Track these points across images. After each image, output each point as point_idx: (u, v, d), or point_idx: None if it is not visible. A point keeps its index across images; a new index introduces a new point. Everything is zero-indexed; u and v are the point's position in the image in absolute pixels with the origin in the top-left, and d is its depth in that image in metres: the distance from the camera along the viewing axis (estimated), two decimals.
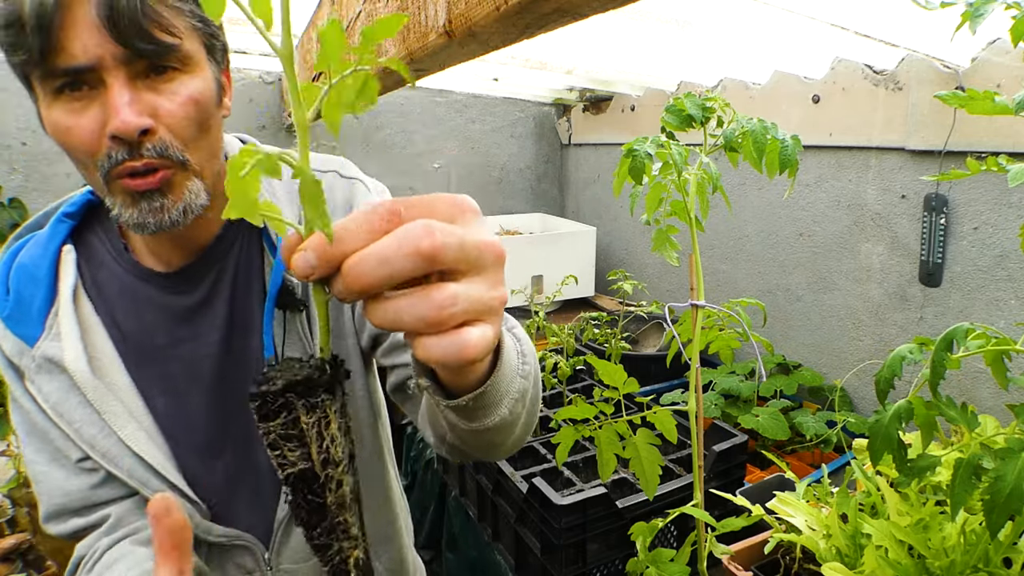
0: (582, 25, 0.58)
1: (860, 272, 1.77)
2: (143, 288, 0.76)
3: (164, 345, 0.77)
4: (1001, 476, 0.61)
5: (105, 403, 0.72)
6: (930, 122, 1.49)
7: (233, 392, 0.80)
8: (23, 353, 0.71)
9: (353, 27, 1.10)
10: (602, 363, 0.84)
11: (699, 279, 0.87)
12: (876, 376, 0.72)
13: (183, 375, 0.78)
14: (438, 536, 1.75)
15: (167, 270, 0.77)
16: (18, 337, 0.71)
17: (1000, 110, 0.66)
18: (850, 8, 1.45)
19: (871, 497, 0.98)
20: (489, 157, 3.27)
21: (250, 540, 0.82)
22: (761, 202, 2.09)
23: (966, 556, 0.79)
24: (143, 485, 0.73)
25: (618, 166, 0.81)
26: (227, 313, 0.79)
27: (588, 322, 1.66)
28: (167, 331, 0.77)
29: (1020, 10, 0.61)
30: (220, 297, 0.78)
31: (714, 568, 0.99)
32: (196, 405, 0.79)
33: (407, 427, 2.10)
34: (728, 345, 0.99)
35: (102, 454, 0.72)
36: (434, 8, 0.67)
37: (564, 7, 0.51)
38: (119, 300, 0.76)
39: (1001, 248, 1.43)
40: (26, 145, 2.48)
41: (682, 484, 1.23)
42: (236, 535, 0.81)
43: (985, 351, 0.70)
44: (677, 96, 0.85)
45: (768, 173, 0.84)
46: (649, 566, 0.88)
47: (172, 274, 0.77)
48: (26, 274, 0.72)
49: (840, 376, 1.82)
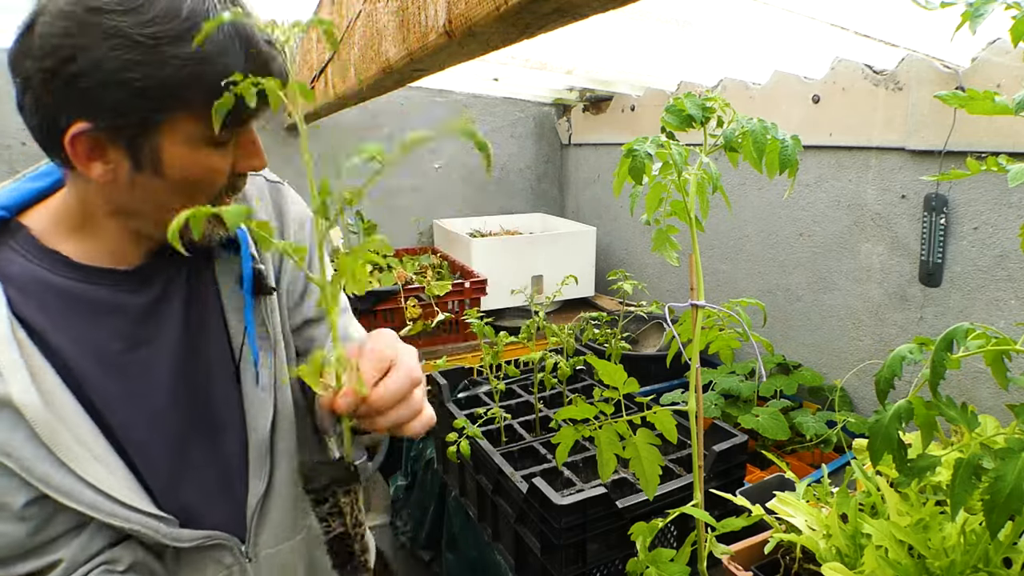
0: (582, 25, 0.58)
1: (860, 272, 1.77)
2: (93, 292, 0.74)
3: (121, 350, 0.76)
4: (1001, 476, 0.61)
5: (56, 437, 0.68)
6: (930, 122, 1.49)
7: (196, 385, 0.81)
8: None
9: (353, 27, 1.10)
10: (602, 363, 0.84)
11: (699, 279, 0.87)
12: (876, 376, 0.72)
13: (142, 377, 0.77)
14: (438, 536, 1.75)
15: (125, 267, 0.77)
16: None
17: (1000, 110, 0.66)
18: (850, 8, 1.45)
19: (871, 497, 0.98)
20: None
21: (224, 537, 0.81)
22: (761, 202, 2.09)
23: (966, 556, 0.79)
24: (110, 515, 0.71)
25: (618, 166, 0.81)
26: (184, 308, 0.80)
27: (588, 322, 1.66)
28: (124, 335, 0.76)
29: (1020, 10, 0.61)
30: (177, 293, 0.80)
31: (714, 568, 0.99)
32: (159, 405, 0.78)
33: None
34: (728, 345, 0.99)
35: (57, 490, 0.68)
36: (434, 8, 0.67)
37: (564, 7, 0.51)
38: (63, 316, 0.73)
39: (1001, 248, 1.43)
40: (26, 145, 2.48)
41: (682, 484, 1.23)
42: (208, 536, 0.80)
43: (985, 351, 0.70)
44: (677, 96, 0.85)
45: (768, 173, 0.84)
46: (649, 566, 0.88)
47: (129, 271, 0.77)
48: None
49: (840, 376, 1.82)
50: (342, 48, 1.23)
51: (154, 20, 0.63)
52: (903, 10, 1.27)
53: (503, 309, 2.59)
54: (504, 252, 2.58)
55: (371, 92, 1.21)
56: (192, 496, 0.81)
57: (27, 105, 0.67)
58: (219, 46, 0.66)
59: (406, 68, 0.87)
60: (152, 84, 0.64)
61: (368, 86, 1.09)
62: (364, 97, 1.38)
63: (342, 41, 1.21)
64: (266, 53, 0.69)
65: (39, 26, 0.63)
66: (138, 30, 0.62)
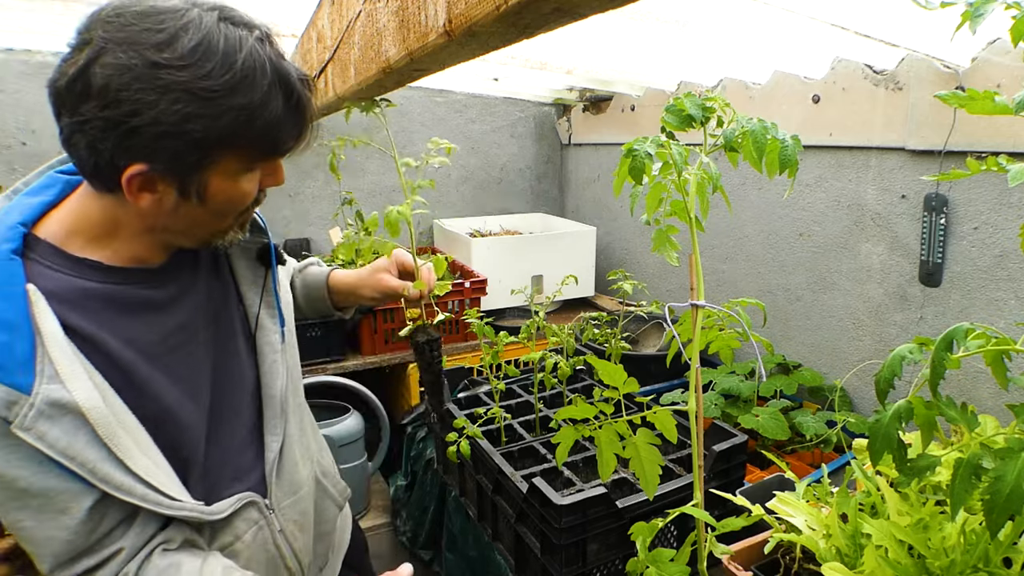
0: (582, 25, 0.58)
1: (860, 272, 1.77)
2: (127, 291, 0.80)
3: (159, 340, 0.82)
4: (1001, 476, 0.61)
5: (114, 436, 0.73)
6: (930, 122, 1.49)
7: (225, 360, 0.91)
8: (16, 402, 0.68)
9: (353, 27, 1.10)
10: (602, 363, 0.84)
11: (699, 279, 0.87)
12: (876, 376, 0.72)
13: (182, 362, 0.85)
14: (438, 536, 1.75)
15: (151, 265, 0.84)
16: (9, 386, 0.68)
17: (1000, 110, 0.66)
18: (850, 8, 1.45)
19: (871, 497, 0.98)
20: (489, 157, 3.27)
21: (252, 496, 0.91)
22: (761, 202, 2.09)
23: (966, 556, 0.79)
24: (156, 504, 0.77)
25: (618, 166, 0.81)
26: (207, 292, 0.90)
27: (588, 322, 1.66)
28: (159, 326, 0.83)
29: (1020, 10, 0.61)
30: (199, 280, 0.90)
31: (714, 568, 0.99)
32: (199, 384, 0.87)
33: (407, 427, 2.10)
34: (728, 345, 0.99)
35: (118, 487, 0.73)
36: (434, 8, 0.67)
37: (564, 7, 0.51)
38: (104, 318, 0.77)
39: (1001, 248, 1.43)
40: (26, 145, 2.48)
41: (682, 484, 1.23)
42: (240, 498, 0.89)
43: (985, 351, 0.70)
44: (677, 96, 0.85)
45: (768, 173, 0.83)
46: (649, 566, 0.88)
47: (155, 269, 0.84)
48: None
49: (840, 376, 1.82)
50: (342, 48, 1.23)
51: (210, 74, 0.68)
52: (903, 10, 1.27)
53: (503, 309, 2.59)
54: (504, 252, 2.58)
55: (371, 92, 1.21)
56: (223, 464, 0.89)
57: (78, 144, 0.70)
58: (265, 95, 0.72)
59: (406, 68, 0.87)
60: (208, 134, 0.70)
61: (368, 86, 1.09)
62: (364, 97, 1.38)
63: (342, 41, 1.21)
64: (302, 95, 0.77)
65: (97, 75, 0.66)
66: (196, 84, 0.67)
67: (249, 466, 0.93)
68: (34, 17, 2.06)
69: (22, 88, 2.44)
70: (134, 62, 0.65)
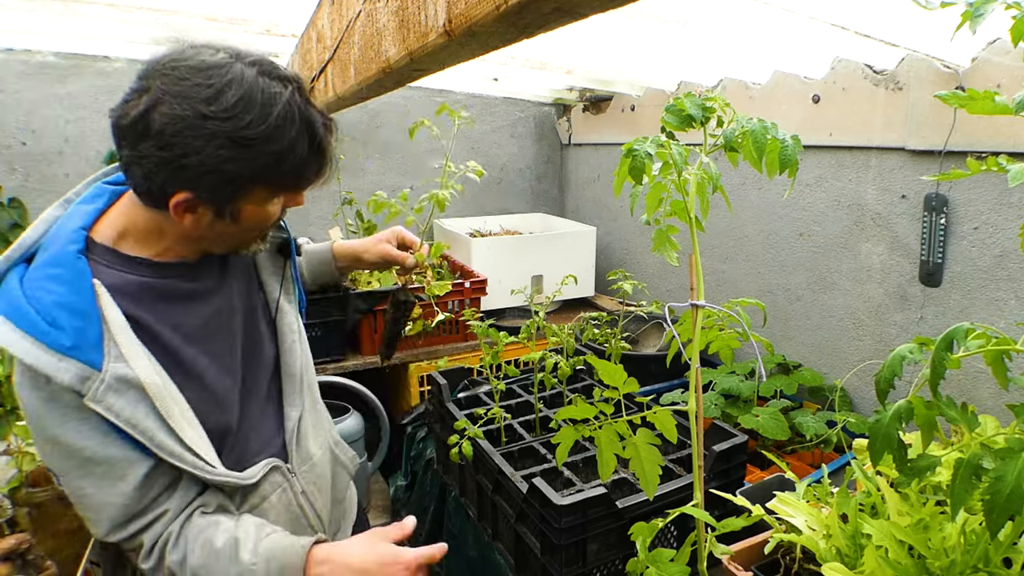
0: (582, 25, 0.58)
1: (860, 272, 1.77)
2: (172, 284, 0.93)
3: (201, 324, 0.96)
4: (1001, 476, 0.61)
5: (169, 409, 0.86)
6: (930, 122, 1.49)
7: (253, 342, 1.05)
8: (89, 378, 0.81)
9: (353, 27, 1.10)
10: (602, 363, 0.84)
11: (699, 279, 0.87)
12: (876, 376, 0.72)
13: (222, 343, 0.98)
14: (438, 536, 1.75)
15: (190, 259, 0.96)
16: (84, 363, 0.81)
17: (1000, 110, 0.66)
18: (850, 8, 1.45)
19: (871, 497, 0.98)
20: (489, 157, 3.27)
21: (277, 461, 1.03)
22: (761, 202, 2.09)
23: (966, 556, 0.79)
24: (200, 470, 0.89)
25: (618, 166, 0.81)
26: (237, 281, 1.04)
27: (588, 322, 1.66)
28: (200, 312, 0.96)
29: (1020, 10, 0.61)
30: (229, 271, 1.03)
31: (714, 568, 0.99)
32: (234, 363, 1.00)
33: (407, 427, 2.10)
34: (728, 345, 0.99)
35: (171, 454, 0.86)
36: (434, 8, 0.67)
37: (564, 7, 0.51)
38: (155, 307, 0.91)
39: (1001, 248, 1.43)
40: (26, 145, 2.48)
41: (682, 484, 1.23)
42: (267, 463, 1.00)
43: (985, 351, 0.70)
44: (677, 96, 0.85)
45: (768, 173, 0.83)
46: (649, 566, 0.88)
47: (193, 263, 0.97)
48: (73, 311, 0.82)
49: (840, 376, 1.82)
50: (342, 48, 1.23)
51: (249, 124, 0.81)
52: (903, 10, 1.27)
53: (503, 309, 2.59)
54: (504, 252, 2.58)
55: (371, 92, 1.21)
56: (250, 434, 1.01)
57: (135, 172, 0.83)
58: (293, 141, 0.85)
59: (406, 68, 0.87)
60: (244, 173, 0.83)
61: (368, 86, 1.09)
62: (364, 97, 1.38)
63: (342, 41, 1.21)
64: (323, 139, 0.90)
65: (155, 121, 0.79)
66: (237, 133, 0.80)
67: (271, 435, 1.05)
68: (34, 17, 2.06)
69: (22, 88, 2.44)
70: (186, 113, 0.78)
